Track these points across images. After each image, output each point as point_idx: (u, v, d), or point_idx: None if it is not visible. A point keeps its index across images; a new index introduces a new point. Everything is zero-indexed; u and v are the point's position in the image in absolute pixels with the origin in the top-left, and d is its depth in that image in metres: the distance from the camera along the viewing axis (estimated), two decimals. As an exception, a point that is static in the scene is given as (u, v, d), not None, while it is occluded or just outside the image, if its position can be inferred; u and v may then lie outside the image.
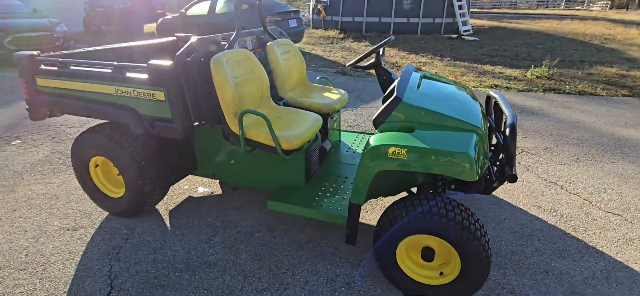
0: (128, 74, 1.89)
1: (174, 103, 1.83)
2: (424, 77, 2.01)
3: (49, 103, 2.14)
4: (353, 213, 1.63)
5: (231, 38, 2.09)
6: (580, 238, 2.12)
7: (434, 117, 1.58)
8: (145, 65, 1.83)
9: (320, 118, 2.08)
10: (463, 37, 10.90)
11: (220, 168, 2.26)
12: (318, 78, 2.93)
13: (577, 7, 30.86)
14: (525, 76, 6.09)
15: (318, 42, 9.93)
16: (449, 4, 11.33)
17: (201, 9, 8.07)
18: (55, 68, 2.07)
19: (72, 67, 2.05)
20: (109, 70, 1.95)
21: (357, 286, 1.76)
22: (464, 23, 11.49)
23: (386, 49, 8.81)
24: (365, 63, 2.44)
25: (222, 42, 2.16)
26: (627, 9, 27.85)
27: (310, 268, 1.89)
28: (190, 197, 2.54)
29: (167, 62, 1.80)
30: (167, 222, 2.27)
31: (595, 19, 17.33)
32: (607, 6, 29.15)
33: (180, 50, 1.82)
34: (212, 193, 2.61)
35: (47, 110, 2.21)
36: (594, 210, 2.40)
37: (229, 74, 1.87)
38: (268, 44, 2.40)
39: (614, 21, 15.87)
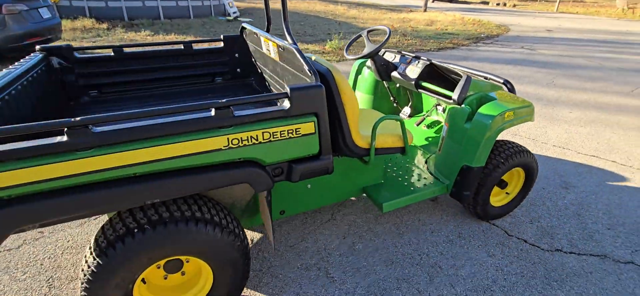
0: (250, 112, 1.30)
1: (323, 132, 1.46)
2: None
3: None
4: (473, 175, 2.03)
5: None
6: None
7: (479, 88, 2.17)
8: (287, 92, 1.34)
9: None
10: (237, 19, 11.40)
11: (296, 199, 1.92)
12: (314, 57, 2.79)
13: None
14: (325, 49, 7.54)
15: (81, 37, 7.55)
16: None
17: None
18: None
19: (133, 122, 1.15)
20: (211, 113, 1.24)
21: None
22: (230, 5, 11.95)
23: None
24: (364, 52, 2.62)
25: None
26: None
27: (449, 253, 2.14)
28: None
29: (317, 83, 1.40)
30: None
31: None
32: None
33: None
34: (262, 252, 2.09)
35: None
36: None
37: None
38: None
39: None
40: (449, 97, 2.10)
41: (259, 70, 2.54)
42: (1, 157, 1.02)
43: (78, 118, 1.08)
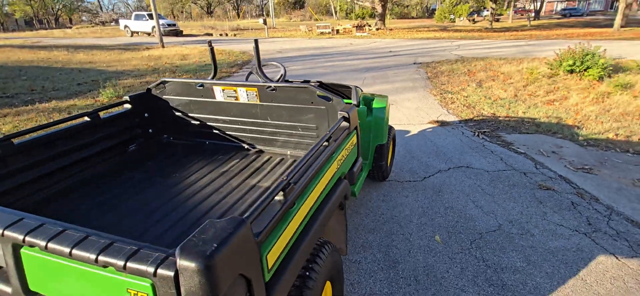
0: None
1: (358, 141, 1.88)
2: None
3: None
4: (384, 150, 2.95)
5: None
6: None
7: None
8: (345, 115, 1.68)
9: None
10: None
11: None
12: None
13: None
14: (102, 101, 6.39)
15: None
16: None
17: None
18: None
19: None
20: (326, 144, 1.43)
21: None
22: None
23: None
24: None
25: None
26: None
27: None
28: None
29: (356, 103, 1.80)
30: None
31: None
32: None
33: None
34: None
35: None
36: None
37: None
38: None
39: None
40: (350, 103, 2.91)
41: (195, 121, 2.33)
42: None
43: None
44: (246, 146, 2.31)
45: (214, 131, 2.34)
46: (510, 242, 2.49)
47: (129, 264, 0.84)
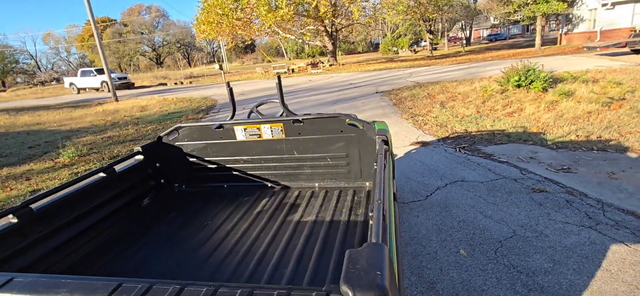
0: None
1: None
2: None
3: None
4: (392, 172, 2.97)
5: None
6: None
7: None
8: (383, 137, 1.71)
9: None
10: None
11: None
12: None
13: None
14: (63, 161, 5.83)
15: None
16: None
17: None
18: None
19: None
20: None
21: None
22: None
23: None
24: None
25: None
26: None
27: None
28: None
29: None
30: None
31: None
32: None
33: None
34: None
35: None
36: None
37: None
38: None
39: None
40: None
41: (211, 165, 2.19)
42: None
43: None
44: (269, 184, 2.21)
45: (233, 173, 2.21)
46: (530, 246, 2.58)
47: None
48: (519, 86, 8.30)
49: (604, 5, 19.51)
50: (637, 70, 9.89)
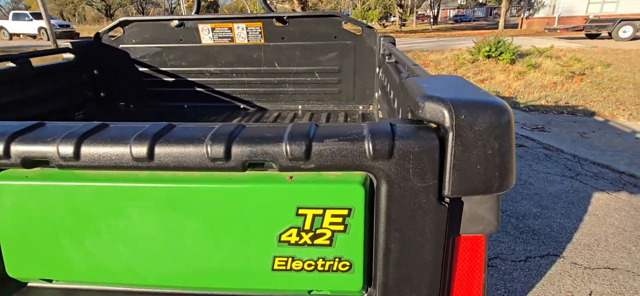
0: None
1: None
2: None
3: None
4: None
5: None
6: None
7: None
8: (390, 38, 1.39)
9: None
10: None
11: None
12: None
13: None
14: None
15: None
16: None
17: None
18: None
19: None
20: None
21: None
22: None
23: None
24: None
25: None
26: None
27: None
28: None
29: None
30: None
31: None
32: None
33: None
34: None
35: None
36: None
37: None
38: None
39: None
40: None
41: (169, 78, 1.75)
42: None
43: None
44: (242, 105, 1.83)
45: (196, 89, 1.80)
46: (517, 192, 2.48)
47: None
48: (488, 57, 8.38)
49: (563, -8, 20.40)
50: (593, 50, 10.44)
